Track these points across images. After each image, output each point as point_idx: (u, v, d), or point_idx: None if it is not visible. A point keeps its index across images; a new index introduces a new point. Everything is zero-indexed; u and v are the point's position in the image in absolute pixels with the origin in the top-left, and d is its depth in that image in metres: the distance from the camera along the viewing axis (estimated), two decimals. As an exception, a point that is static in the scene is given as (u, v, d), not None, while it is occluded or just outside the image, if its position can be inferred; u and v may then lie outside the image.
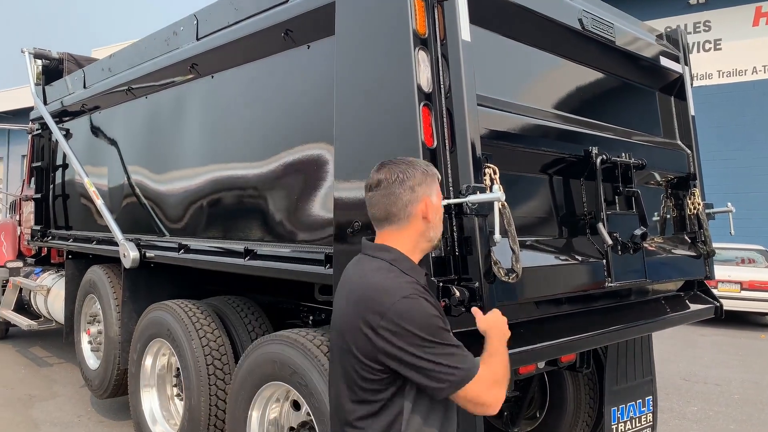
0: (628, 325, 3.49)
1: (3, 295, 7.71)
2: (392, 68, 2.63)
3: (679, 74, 4.20)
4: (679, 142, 4.21)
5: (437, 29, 2.62)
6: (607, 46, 3.53)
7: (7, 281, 7.64)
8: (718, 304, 4.21)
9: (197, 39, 4.06)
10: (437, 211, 1.91)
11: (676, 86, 4.22)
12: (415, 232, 1.86)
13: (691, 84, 4.27)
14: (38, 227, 6.56)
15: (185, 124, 4.26)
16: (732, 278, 11.11)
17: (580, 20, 3.30)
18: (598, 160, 3.14)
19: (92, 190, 5.07)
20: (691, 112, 4.21)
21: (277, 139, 3.48)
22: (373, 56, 2.74)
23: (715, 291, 10.42)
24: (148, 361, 4.53)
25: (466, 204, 2.42)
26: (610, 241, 3.08)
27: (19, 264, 7.66)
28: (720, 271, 10.72)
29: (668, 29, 4.33)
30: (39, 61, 6.57)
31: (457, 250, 2.51)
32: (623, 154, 3.43)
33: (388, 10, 2.65)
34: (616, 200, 3.44)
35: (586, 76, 3.56)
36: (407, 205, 1.83)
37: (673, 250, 3.96)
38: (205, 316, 4.14)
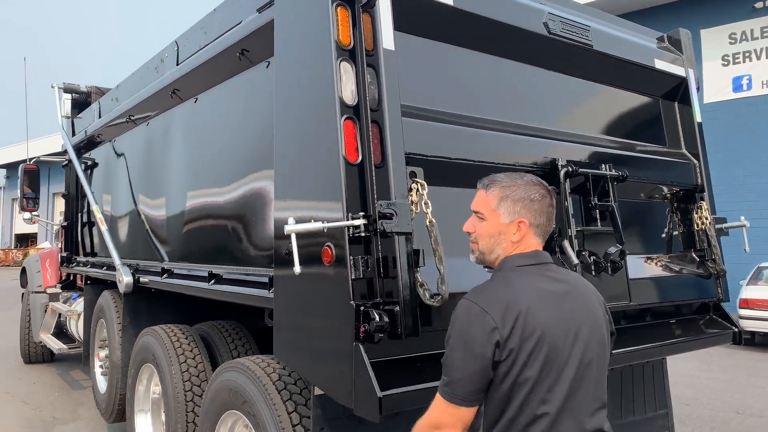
0: (620, 352, 3.18)
1: (43, 319, 8.04)
2: (316, 81, 2.51)
3: (682, 78, 3.86)
4: (685, 152, 3.86)
5: (363, 39, 2.49)
6: (584, 50, 3.29)
7: (48, 306, 7.96)
8: (736, 330, 3.80)
9: (177, 64, 4.09)
10: None
11: (679, 91, 3.89)
12: None
13: (698, 88, 3.92)
14: (65, 254, 6.80)
15: (169, 150, 4.29)
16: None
17: (545, 24, 3.08)
18: (563, 173, 2.89)
19: (99, 217, 5.20)
20: (697, 118, 3.86)
21: (241, 161, 3.42)
22: (302, 70, 2.64)
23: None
24: (141, 386, 4.53)
25: (381, 223, 2.25)
26: (576, 261, 2.81)
27: (57, 290, 7.97)
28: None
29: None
30: (69, 95, 6.86)
31: (381, 271, 2.34)
32: (603, 166, 3.17)
33: (312, 22, 2.55)
34: (597, 216, 3.17)
35: (559, 83, 3.31)
36: None
37: (675, 270, 3.61)
38: (189, 342, 4.11)
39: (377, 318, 2.25)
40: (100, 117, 5.81)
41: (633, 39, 3.63)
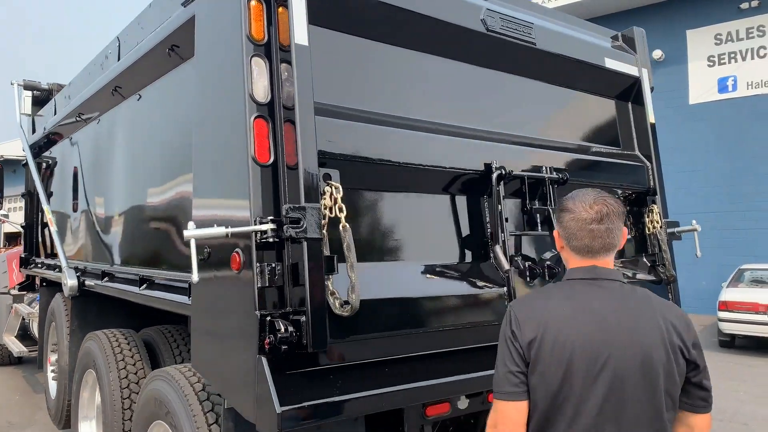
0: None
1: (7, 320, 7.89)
2: (228, 78, 2.40)
3: (636, 78, 3.76)
4: (638, 153, 3.76)
5: (278, 34, 2.37)
6: (526, 48, 3.17)
7: (12, 307, 7.81)
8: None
9: (118, 60, 3.97)
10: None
11: (632, 92, 3.78)
12: None
13: (651, 89, 3.81)
14: (24, 255, 6.66)
15: (113, 148, 4.16)
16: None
17: (483, 20, 2.97)
18: (495, 176, 2.77)
19: (49, 217, 5.07)
20: (650, 119, 3.75)
21: (173, 161, 3.29)
22: (216, 66, 2.53)
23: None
24: (86, 393, 4.40)
25: (286, 229, 2.13)
26: (507, 266, 2.69)
27: (21, 291, 7.82)
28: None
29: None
30: (29, 93, 6.70)
31: (290, 279, 2.22)
32: (543, 169, 3.06)
33: (226, 16, 2.43)
34: (538, 220, 3.06)
35: (499, 83, 3.19)
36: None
37: (626, 276, 3.49)
38: (131, 347, 3.98)
39: (282, 329, 2.13)
40: (55, 114, 5.68)
41: (581, 37, 3.52)
